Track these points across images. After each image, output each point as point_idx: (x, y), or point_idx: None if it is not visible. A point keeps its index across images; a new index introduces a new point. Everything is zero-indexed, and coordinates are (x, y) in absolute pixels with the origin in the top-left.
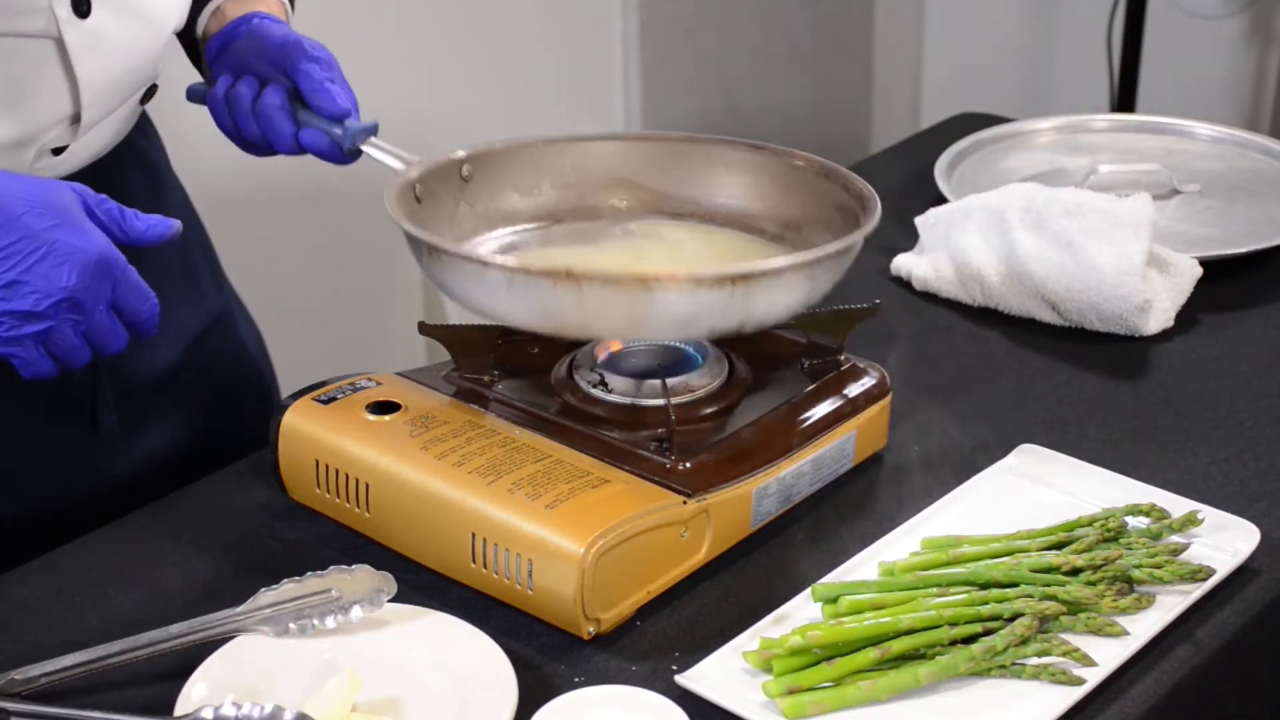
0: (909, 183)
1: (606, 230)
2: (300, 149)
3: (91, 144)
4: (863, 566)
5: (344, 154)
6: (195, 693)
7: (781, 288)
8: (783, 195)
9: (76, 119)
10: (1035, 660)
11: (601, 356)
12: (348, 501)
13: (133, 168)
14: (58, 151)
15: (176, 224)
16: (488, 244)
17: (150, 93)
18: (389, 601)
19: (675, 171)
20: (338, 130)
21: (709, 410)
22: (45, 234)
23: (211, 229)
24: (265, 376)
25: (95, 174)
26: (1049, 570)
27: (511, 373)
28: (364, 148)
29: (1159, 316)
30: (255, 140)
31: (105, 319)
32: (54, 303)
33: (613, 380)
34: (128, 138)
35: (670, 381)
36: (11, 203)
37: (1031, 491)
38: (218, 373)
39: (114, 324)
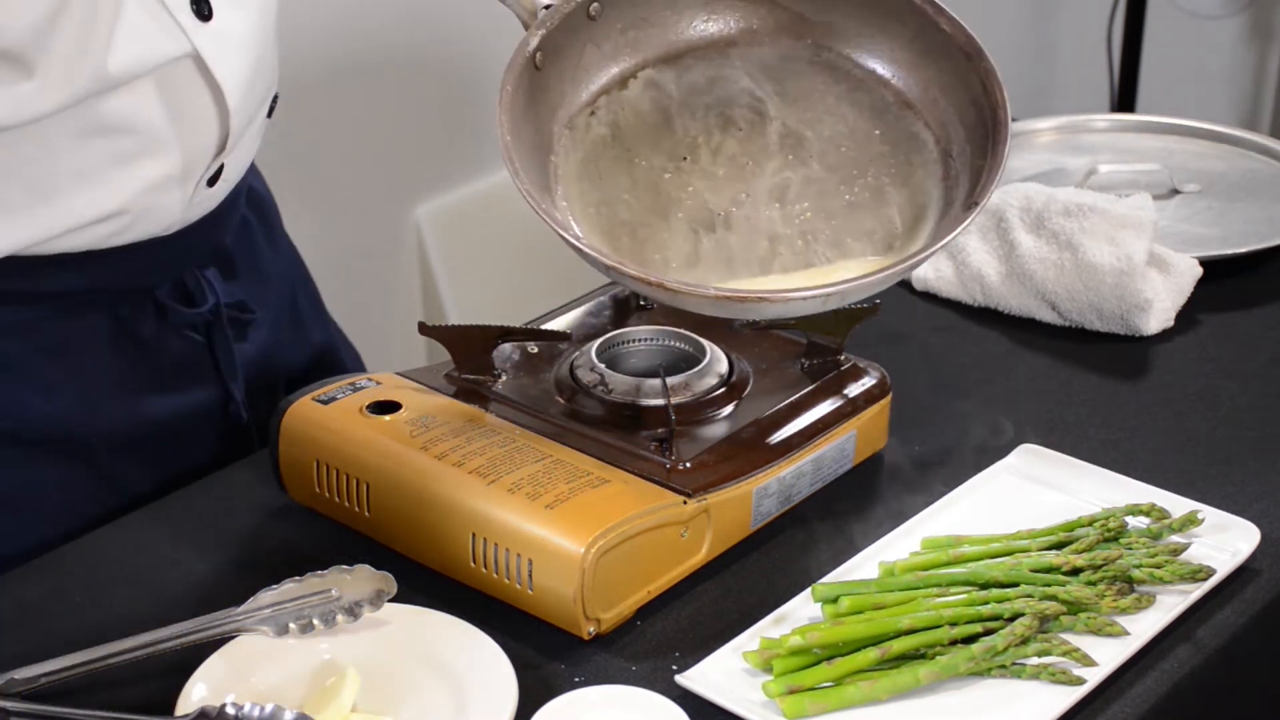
0: None
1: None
2: None
3: (237, 165)
4: (863, 566)
5: None
6: (195, 693)
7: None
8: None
9: (224, 138)
10: (1035, 660)
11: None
12: (348, 501)
13: (248, 204)
14: (212, 181)
15: None
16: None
17: (274, 104)
18: (389, 601)
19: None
20: None
21: (709, 410)
22: None
23: None
24: None
25: (223, 209)
26: (1049, 570)
27: (511, 373)
28: None
29: (1159, 316)
30: None
31: None
32: None
33: (613, 380)
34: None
35: (670, 381)
36: None
37: (1031, 491)
38: None
39: None
